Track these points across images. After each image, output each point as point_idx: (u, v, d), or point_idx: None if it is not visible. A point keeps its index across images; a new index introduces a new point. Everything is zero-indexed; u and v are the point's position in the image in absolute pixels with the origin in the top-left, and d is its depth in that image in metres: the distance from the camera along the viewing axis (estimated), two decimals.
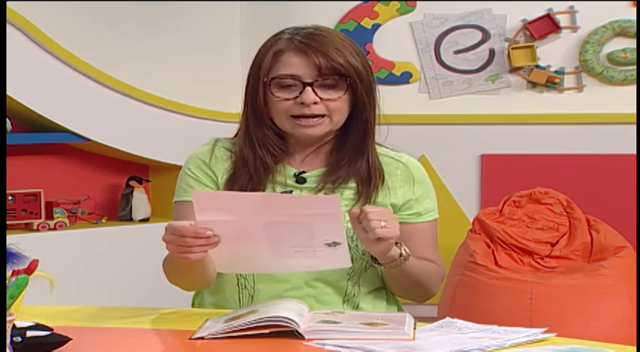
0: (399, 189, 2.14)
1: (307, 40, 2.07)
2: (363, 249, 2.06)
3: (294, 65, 2.06)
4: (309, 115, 2.06)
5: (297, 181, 2.13)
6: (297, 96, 2.06)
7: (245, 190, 2.08)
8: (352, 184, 2.12)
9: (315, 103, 2.05)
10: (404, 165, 2.16)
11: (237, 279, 2.11)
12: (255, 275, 2.10)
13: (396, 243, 2.00)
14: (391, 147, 2.20)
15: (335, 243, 1.86)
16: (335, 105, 2.07)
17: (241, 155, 2.13)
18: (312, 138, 2.10)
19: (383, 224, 1.93)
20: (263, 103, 2.09)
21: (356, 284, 2.13)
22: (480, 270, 3.85)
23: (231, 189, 2.10)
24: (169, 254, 2.08)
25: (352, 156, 2.11)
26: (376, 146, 2.16)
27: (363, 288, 2.13)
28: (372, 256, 2.04)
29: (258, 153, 2.10)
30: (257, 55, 2.13)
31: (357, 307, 2.13)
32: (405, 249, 2.02)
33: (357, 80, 2.07)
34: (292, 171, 2.14)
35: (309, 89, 2.05)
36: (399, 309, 2.21)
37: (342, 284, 2.11)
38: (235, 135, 2.19)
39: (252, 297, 2.10)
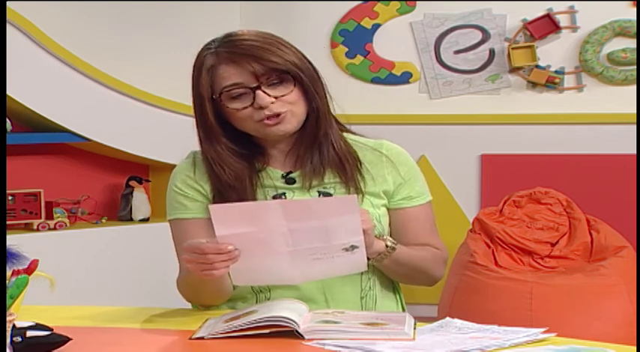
0: (388, 176, 2.15)
1: (232, 49, 2.04)
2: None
3: (233, 75, 2.04)
4: (272, 115, 2.04)
5: (286, 182, 2.12)
6: (252, 103, 2.04)
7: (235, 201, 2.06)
8: (338, 179, 2.11)
9: (272, 103, 2.03)
10: (386, 151, 2.17)
11: (252, 286, 2.09)
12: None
13: (380, 237, 2.01)
14: (367, 136, 2.20)
15: (353, 247, 1.85)
16: (291, 98, 2.05)
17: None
18: (286, 134, 2.08)
19: None
20: (214, 121, 2.07)
21: (371, 278, 2.12)
22: (480, 270, 3.86)
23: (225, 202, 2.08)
24: (183, 273, 2.07)
25: (314, 145, 2.09)
26: (352, 136, 2.17)
27: (378, 277, 2.13)
28: None
29: (216, 172, 2.08)
30: (192, 76, 2.10)
31: (375, 301, 2.12)
32: (390, 240, 2.03)
33: (298, 71, 2.05)
34: (278, 173, 2.13)
35: (259, 92, 2.03)
36: (401, 297, 2.21)
37: (356, 280, 2.11)
38: None
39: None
